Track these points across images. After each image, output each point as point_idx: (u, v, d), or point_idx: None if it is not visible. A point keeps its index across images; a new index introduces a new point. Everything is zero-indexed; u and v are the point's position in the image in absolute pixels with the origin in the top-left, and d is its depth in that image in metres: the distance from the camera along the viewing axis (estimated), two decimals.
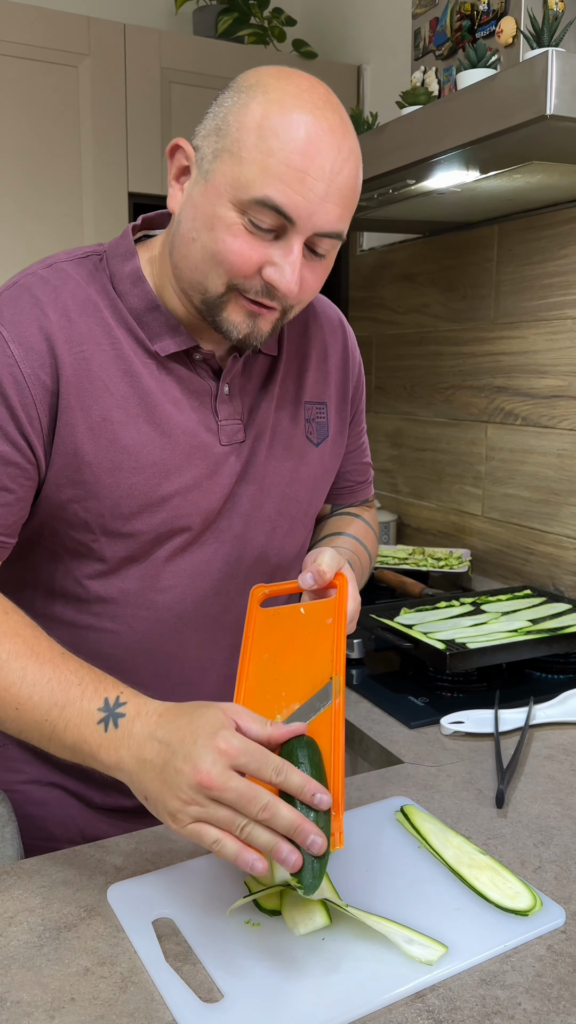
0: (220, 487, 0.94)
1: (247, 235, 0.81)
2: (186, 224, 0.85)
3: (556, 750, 1.12)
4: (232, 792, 0.66)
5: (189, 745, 0.69)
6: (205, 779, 0.66)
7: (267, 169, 0.78)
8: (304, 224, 0.80)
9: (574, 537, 1.71)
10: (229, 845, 0.67)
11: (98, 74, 1.94)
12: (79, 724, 0.75)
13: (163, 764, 0.69)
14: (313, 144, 0.78)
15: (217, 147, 0.81)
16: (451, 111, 1.26)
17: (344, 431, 1.09)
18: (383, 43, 2.22)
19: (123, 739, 0.73)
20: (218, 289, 0.84)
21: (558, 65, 1.07)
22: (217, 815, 0.67)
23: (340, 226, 0.83)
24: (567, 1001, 0.67)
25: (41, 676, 0.77)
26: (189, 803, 0.67)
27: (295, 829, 0.67)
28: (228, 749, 0.68)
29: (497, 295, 1.87)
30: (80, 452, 0.87)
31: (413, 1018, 0.65)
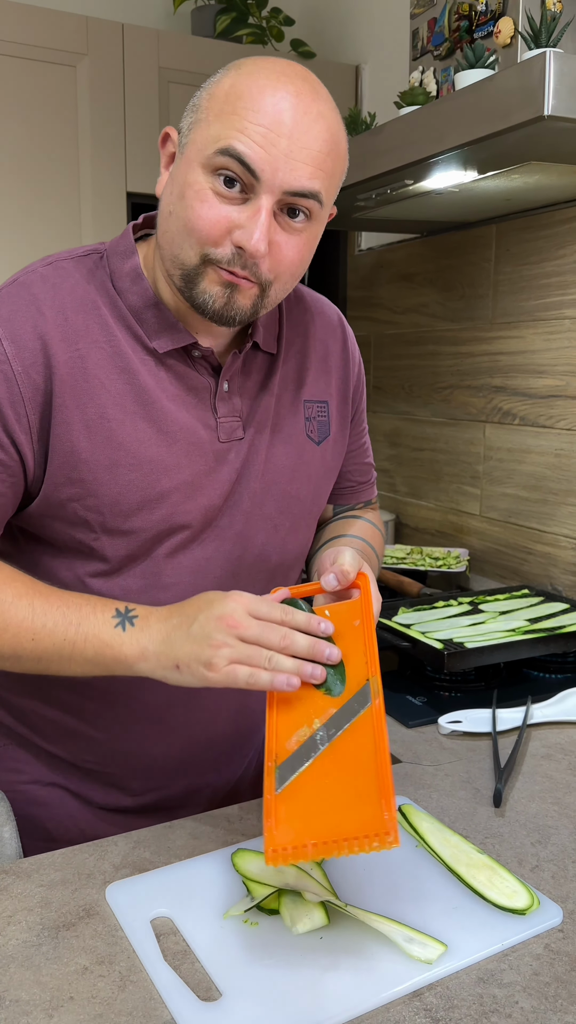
0: (220, 484, 0.94)
1: (215, 199, 0.81)
2: (164, 200, 0.87)
3: (554, 749, 1.12)
4: (254, 629, 0.78)
5: (206, 608, 0.80)
6: (230, 620, 0.78)
7: (231, 124, 0.80)
8: (269, 180, 0.80)
9: (572, 536, 1.71)
10: (263, 675, 0.77)
11: (96, 74, 1.94)
12: (97, 632, 0.83)
13: (188, 628, 0.80)
14: (277, 103, 0.79)
15: (190, 120, 0.84)
16: (449, 111, 1.26)
17: (345, 430, 1.09)
18: (381, 43, 2.22)
19: (142, 632, 0.82)
20: (192, 260, 0.84)
21: (556, 66, 1.07)
22: (246, 651, 0.77)
23: (311, 184, 0.81)
24: (564, 1000, 0.67)
25: (49, 606, 0.85)
26: (220, 646, 0.77)
27: (312, 648, 0.79)
28: (241, 600, 0.80)
29: (495, 295, 1.87)
30: (77, 450, 0.87)
31: (411, 1016, 0.65)
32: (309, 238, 0.86)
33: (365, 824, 0.68)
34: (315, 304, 1.07)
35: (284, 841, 0.69)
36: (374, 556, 1.11)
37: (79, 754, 1.02)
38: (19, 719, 1.04)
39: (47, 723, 1.01)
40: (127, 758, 1.00)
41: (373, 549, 1.12)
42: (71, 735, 1.01)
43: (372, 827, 0.67)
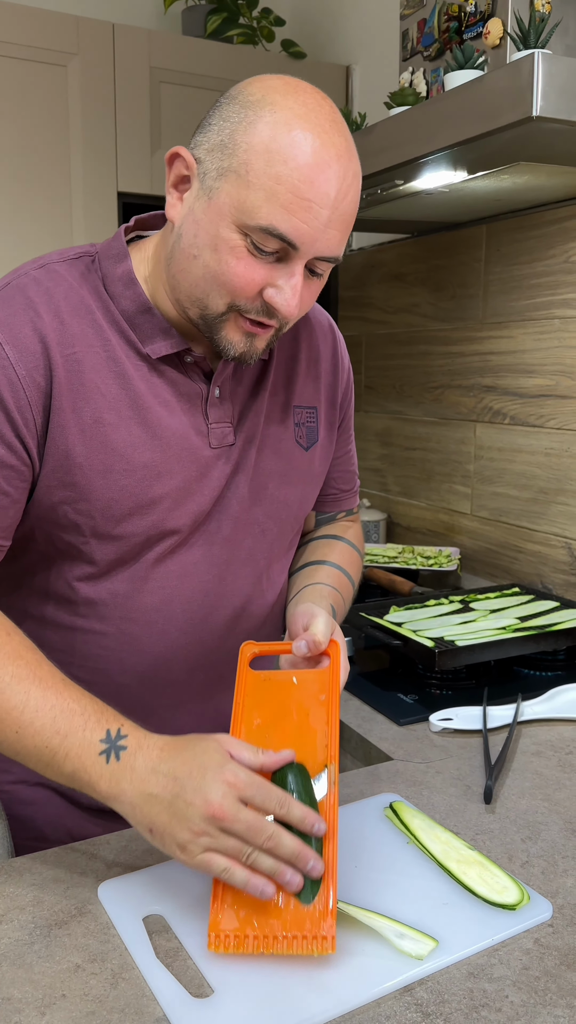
0: (210, 490, 0.94)
1: (250, 257, 0.81)
2: (187, 240, 0.84)
3: (544, 746, 1.12)
4: (242, 823, 0.70)
5: (198, 779, 0.71)
6: (218, 811, 0.69)
7: (274, 196, 0.78)
8: (307, 250, 0.81)
9: (562, 535, 1.72)
10: (239, 873, 0.70)
11: (87, 74, 1.94)
12: (80, 754, 0.75)
13: (172, 798, 0.71)
14: (320, 171, 0.78)
15: (222, 165, 0.80)
16: (439, 112, 1.27)
17: (332, 436, 1.09)
18: (371, 44, 2.22)
19: (125, 772, 0.74)
20: (219, 308, 0.85)
21: (544, 67, 1.08)
22: (227, 845, 0.70)
23: (339, 251, 0.84)
24: (554, 994, 0.68)
25: (44, 702, 0.77)
26: (200, 834, 0.70)
27: (297, 856, 0.71)
28: (236, 782, 0.71)
29: (485, 295, 1.88)
30: (71, 454, 0.87)
31: (402, 1011, 0.66)
32: (323, 280, 0.88)
33: (305, 925, 0.70)
34: None
35: (227, 928, 0.71)
36: (349, 587, 1.10)
37: None
38: None
39: None
40: None
41: (350, 578, 1.11)
42: None
43: (312, 929, 0.69)
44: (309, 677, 0.84)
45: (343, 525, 1.19)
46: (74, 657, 0.96)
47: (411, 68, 1.63)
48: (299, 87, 0.81)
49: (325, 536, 1.16)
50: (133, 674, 0.97)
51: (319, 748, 0.79)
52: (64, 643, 0.96)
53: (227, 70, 2.09)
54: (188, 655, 0.99)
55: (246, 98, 0.80)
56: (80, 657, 0.96)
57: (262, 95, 0.80)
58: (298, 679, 0.84)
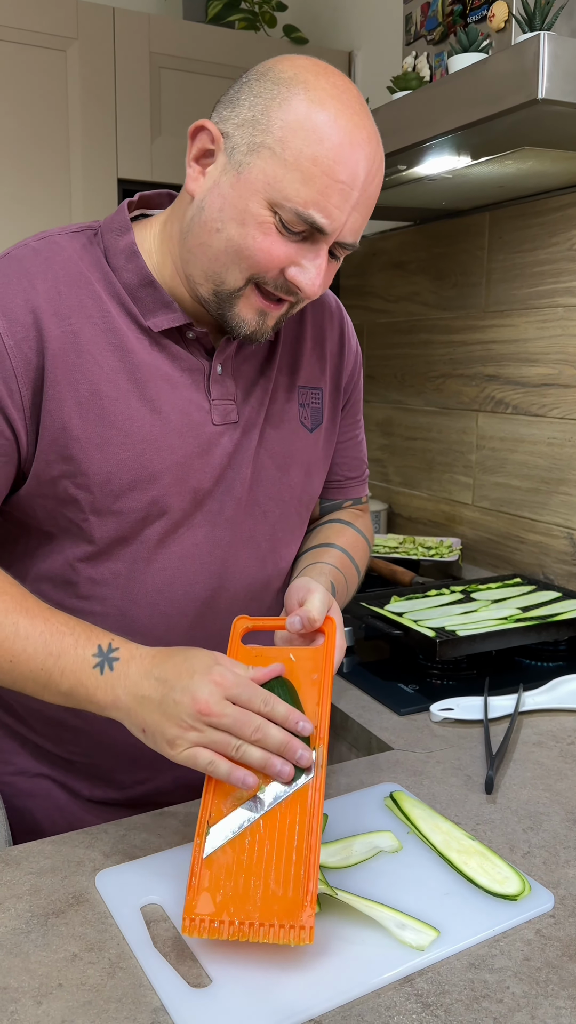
0: (211, 467, 0.93)
1: (277, 235, 0.81)
2: (210, 212, 0.83)
3: (545, 736, 1.12)
4: (228, 717, 0.73)
5: (186, 679, 0.75)
6: (203, 707, 0.73)
7: (310, 179, 0.78)
8: (335, 234, 0.82)
9: (564, 526, 1.71)
10: (222, 765, 0.73)
11: (87, 59, 1.92)
12: (75, 670, 0.79)
13: (162, 697, 0.75)
14: (353, 153, 0.79)
15: (255, 140, 0.80)
16: (442, 96, 1.25)
17: (336, 419, 1.08)
18: (374, 28, 2.20)
19: (119, 679, 0.78)
20: (237, 282, 0.84)
21: (550, 49, 1.06)
22: (214, 738, 0.73)
23: (357, 238, 0.85)
24: (555, 985, 0.67)
25: (33, 629, 0.81)
26: (188, 729, 0.74)
27: (284, 746, 0.74)
28: (222, 681, 0.74)
29: (488, 283, 1.86)
30: (68, 427, 0.86)
31: (402, 1002, 0.65)
32: (339, 264, 0.88)
33: (284, 913, 0.68)
34: None
35: (203, 912, 0.69)
36: (354, 572, 1.09)
37: (65, 745, 1.01)
38: (5, 709, 1.03)
39: (32, 713, 1.01)
40: (112, 749, 0.99)
41: (355, 564, 1.09)
42: (56, 725, 1.00)
43: (290, 918, 0.67)
44: (303, 655, 0.83)
45: (353, 513, 1.18)
46: None
47: (414, 52, 1.61)
48: (328, 68, 0.82)
49: (334, 520, 1.15)
50: None
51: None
52: None
53: (228, 56, 2.07)
54: (190, 639, 0.98)
55: (277, 75, 0.81)
56: None
57: (294, 73, 0.80)
58: (295, 657, 0.82)
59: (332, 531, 1.12)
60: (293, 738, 0.74)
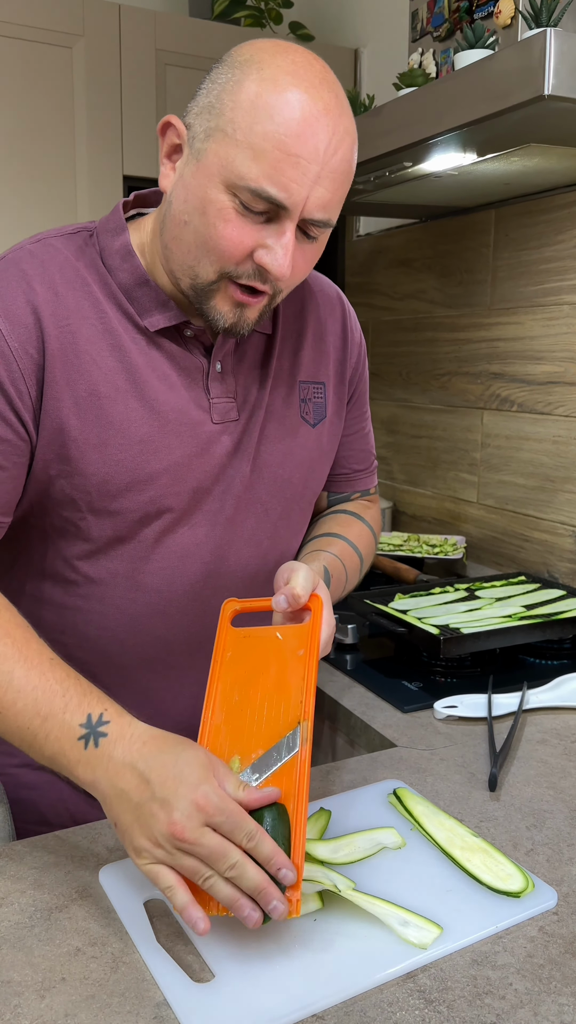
0: (210, 466, 0.93)
1: (238, 218, 0.79)
2: (177, 205, 0.83)
3: (549, 734, 1.12)
4: (203, 848, 0.66)
5: (169, 789, 0.68)
6: (179, 832, 0.66)
7: (261, 154, 0.76)
8: (296, 208, 0.79)
9: (569, 524, 1.70)
10: (180, 896, 0.67)
11: (93, 55, 1.92)
12: (59, 737, 0.73)
13: (139, 801, 0.69)
14: (307, 125, 0.76)
15: (209, 126, 0.79)
16: (448, 92, 1.25)
17: (341, 412, 1.07)
18: (380, 25, 2.20)
19: (100, 760, 0.72)
20: (209, 276, 0.83)
21: (556, 45, 1.06)
22: (183, 863, 0.67)
23: (331, 213, 0.82)
24: (558, 982, 0.67)
25: (27, 683, 0.76)
26: (156, 847, 0.68)
27: (259, 892, 0.66)
28: (206, 805, 0.67)
29: (494, 281, 1.86)
30: (66, 428, 0.86)
31: (404, 998, 0.65)
32: (320, 246, 0.86)
33: None
34: (314, 282, 1.06)
35: (193, 890, 0.68)
36: (357, 562, 1.07)
37: None
38: None
39: None
40: None
41: (360, 555, 1.07)
42: None
43: None
44: (293, 633, 0.82)
45: (361, 504, 1.17)
46: (73, 638, 0.95)
47: (420, 49, 1.60)
48: (289, 47, 0.80)
49: (341, 511, 1.14)
50: (133, 656, 0.96)
51: (294, 704, 0.77)
52: (63, 623, 0.95)
53: None
54: (189, 637, 0.98)
55: (235, 59, 0.80)
56: (80, 638, 0.95)
57: (250, 55, 0.79)
58: (282, 635, 0.81)
59: (337, 522, 1.11)
60: (271, 884, 0.66)
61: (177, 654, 0.98)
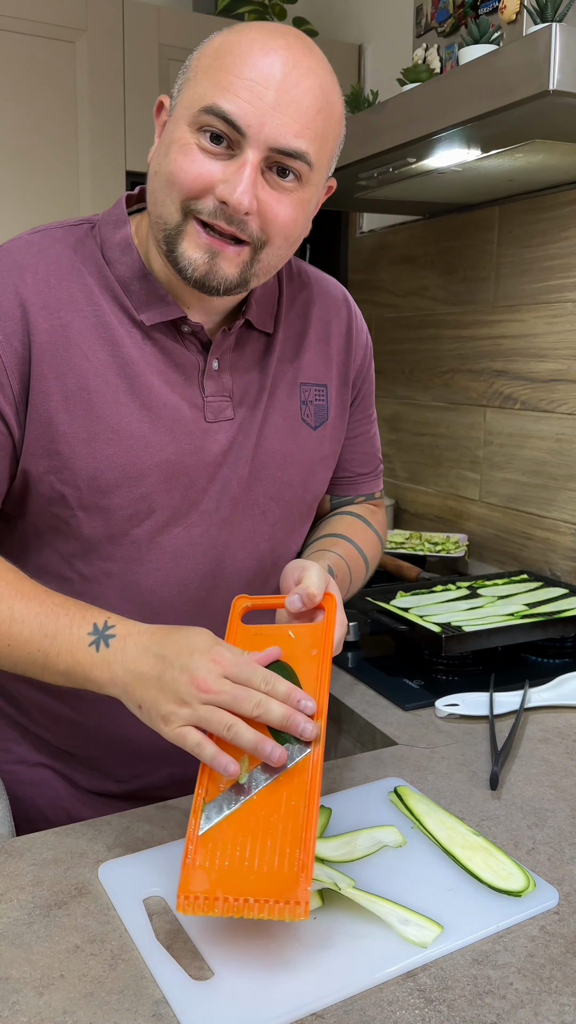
0: (204, 465, 0.91)
1: (199, 153, 0.79)
2: (152, 162, 0.85)
3: (551, 733, 1.11)
4: (226, 695, 0.71)
5: (185, 657, 0.73)
6: (202, 684, 0.72)
7: (216, 81, 0.78)
8: (255, 134, 0.77)
9: (571, 522, 1.70)
10: (208, 748, 0.71)
11: (96, 50, 1.92)
12: (71, 649, 0.78)
13: (159, 674, 0.74)
14: (263, 55, 0.77)
15: (180, 82, 0.83)
16: (452, 87, 1.24)
17: (344, 415, 1.05)
18: (385, 21, 2.19)
19: (115, 656, 0.77)
20: (174, 216, 0.81)
21: (562, 40, 1.05)
22: (208, 716, 0.72)
23: (298, 143, 0.79)
24: (559, 981, 0.67)
25: (28, 612, 0.80)
26: (182, 706, 0.72)
27: (287, 719, 0.72)
28: (221, 660, 0.73)
29: (497, 278, 1.85)
30: (54, 422, 0.85)
31: (404, 997, 0.65)
32: (301, 200, 0.83)
33: (279, 889, 0.66)
34: (317, 282, 1.04)
35: (197, 889, 0.68)
36: (363, 565, 1.06)
37: (63, 737, 1.01)
38: (6, 699, 1.03)
39: (32, 704, 1.00)
40: (109, 743, 0.99)
41: (365, 558, 1.06)
42: (54, 717, 0.99)
43: (285, 893, 0.66)
44: (304, 631, 0.81)
45: (368, 508, 1.14)
46: None
47: (425, 44, 1.60)
48: (269, 22, 0.83)
49: (346, 513, 1.11)
50: None
51: None
52: None
53: None
54: None
55: (215, 32, 0.83)
56: None
57: (229, 27, 0.82)
58: (295, 634, 0.81)
59: (343, 523, 1.09)
60: (296, 712, 0.72)
61: None
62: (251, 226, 0.80)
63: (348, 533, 1.06)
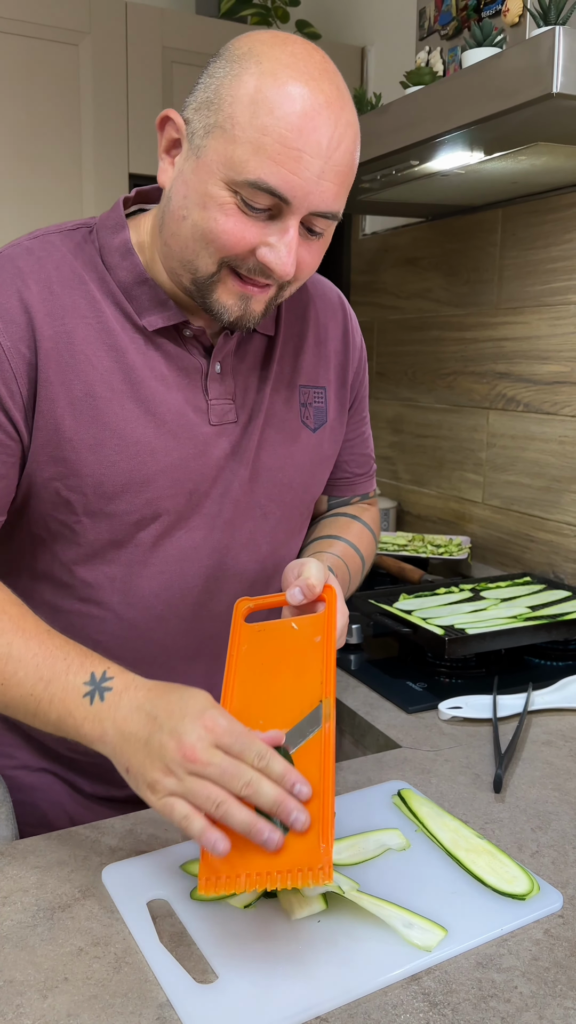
0: (208, 468, 0.92)
1: (240, 214, 0.78)
2: (176, 201, 0.82)
3: (555, 736, 1.11)
4: (215, 768, 0.66)
5: (176, 720, 0.69)
6: (189, 752, 0.67)
7: (261, 149, 0.75)
8: (300, 204, 0.77)
9: (574, 524, 1.70)
10: (196, 822, 0.66)
11: (99, 53, 1.92)
12: (64, 698, 0.75)
13: (148, 736, 0.70)
14: (309, 119, 0.75)
15: (209, 122, 0.78)
16: (455, 90, 1.24)
17: (343, 417, 1.06)
18: (388, 24, 2.19)
19: (108, 711, 0.73)
20: (209, 268, 0.82)
21: (565, 43, 1.05)
22: (195, 789, 0.67)
23: (336, 205, 0.80)
24: (563, 985, 0.67)
25: (27, 652, 0.77)
26: (168, 775, 0.68)
27: (278, 805, 0.66)
28: (214, 727, 0.68)
29: (500, 280, 1.85)
30: (61, 428, 0.85)
31: (408, 1000, 0.65)
32: (326, 242, 0.85)
33: (300, 857, 0.66)
34: (315, 286, 1.05)
35: (219, 869, 0.67)
36: (359, 562, 1.07)
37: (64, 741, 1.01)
38: None
39: None
40: None
41: (361, 555, 1.07)
42: None
43: (307, 860, 0.65)
44: (306, 622, 0.82)
45: (360, 507, 1.16)
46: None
47: (428, 47, 1.60)
48: (288, 39, 0.79)
49: (339, 515, 1.13)
50: (133, 661, 0.95)
51: (314, 686, 0.76)
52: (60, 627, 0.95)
53: None
54: (189, 642, 0.97)
55: (233, 52, 0.78)
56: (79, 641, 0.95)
57: (249, 48, 0.78)
58: (297, 624, 0.81)
59: (337, 524, 1.10)
60: (288, 796, 0.66)
61: (176, 660, 0.97)
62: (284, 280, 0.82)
63: (343, 533, 1.08)
